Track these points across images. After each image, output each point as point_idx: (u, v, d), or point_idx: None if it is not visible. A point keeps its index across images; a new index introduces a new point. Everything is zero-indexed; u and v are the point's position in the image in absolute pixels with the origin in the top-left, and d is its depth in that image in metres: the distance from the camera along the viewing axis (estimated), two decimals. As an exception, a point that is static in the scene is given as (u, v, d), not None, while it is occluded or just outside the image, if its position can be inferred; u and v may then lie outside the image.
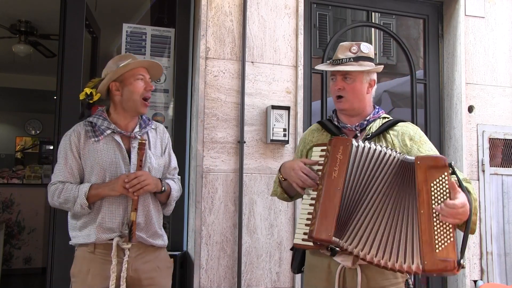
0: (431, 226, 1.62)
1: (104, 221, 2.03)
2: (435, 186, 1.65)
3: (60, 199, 2.06)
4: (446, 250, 1.58)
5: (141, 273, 2.06)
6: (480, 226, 3.47)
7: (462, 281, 3.43)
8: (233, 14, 3.12)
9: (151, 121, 2.25)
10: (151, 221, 2.11)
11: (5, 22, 5.23)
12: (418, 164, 1.69)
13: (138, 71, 2.13)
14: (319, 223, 1.70)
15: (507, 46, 3.71)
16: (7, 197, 5.58)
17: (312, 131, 2.10)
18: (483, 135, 3.55)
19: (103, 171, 2.06)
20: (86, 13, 3.08)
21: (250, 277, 2.98)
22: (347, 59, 1.96)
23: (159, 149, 2.22)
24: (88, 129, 2.11)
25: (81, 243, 2.06)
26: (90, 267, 2.02)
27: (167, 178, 2.24)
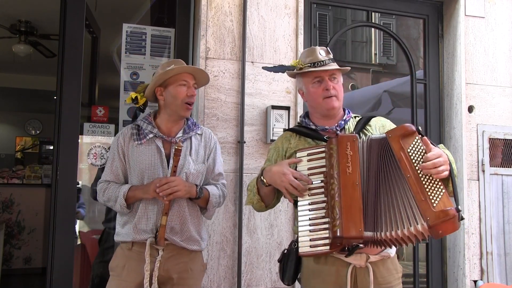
0: (421, 185, 1.69)
1: (139, 223, 2.12)
2: (411, 150, 1.74)
3: (104, 197, 2.20)
4: (442, 202, 1.65)
5: (172, 273, 2.13)
6: (480, 226, 3.48)
7: (462, 281, 3.44)
8: (233, 14, 3.12)
9: (198, 126, 2.30)
10: (186, 226, 2.16)
11: (5, 22, 5.23)
12: (390, 137, 1.77)
13: (182, 76, 2.19)
14: (345, 220, 1.70)
15: (507, 46, 3.71)
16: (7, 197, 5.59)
17: (286, 139, 2.07)
18: (483, 135, 3.55)
19: (142, 173, 2.14)
20: (86, 13, 3.08)
21: (250, 277, 2.98)
22: (328, 60, 2.00)
23: (201, 155, 2.24)
24: (134, 132, 2.21)
25: (121, 240, 2.18)
26: (126, 263, 2.13)
27: (210, 183, 2.27)
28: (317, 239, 1.77)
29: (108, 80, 4.71)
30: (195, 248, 2.19)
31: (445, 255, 3.59)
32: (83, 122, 3.10)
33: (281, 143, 2.08)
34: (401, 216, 1.70)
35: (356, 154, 1.77)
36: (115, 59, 4.00)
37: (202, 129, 2.31)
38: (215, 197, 2.23)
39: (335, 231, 1.71)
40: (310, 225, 1.79)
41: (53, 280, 2.81)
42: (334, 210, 1.73)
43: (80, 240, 4.06)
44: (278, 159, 2.05)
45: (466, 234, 3.43)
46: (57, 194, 2.84)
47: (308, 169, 1.85)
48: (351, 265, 1.86)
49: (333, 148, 1.79)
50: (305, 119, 2.09)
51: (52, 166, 2.93)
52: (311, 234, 1.78)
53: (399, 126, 1.81)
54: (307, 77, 2.03)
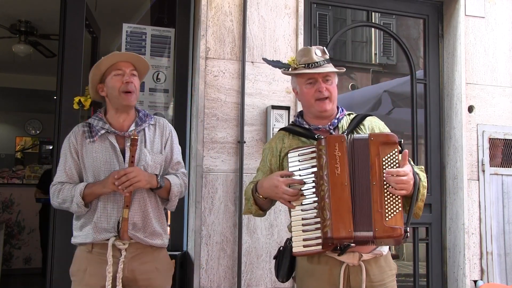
0: (382, 196, 1.74)
1: (99, 221, 2.04)
2: (386, 159, 1.77)
3: (59, 199, 2.09)
4: (394, 219, 1.71)
5: (138, 274, 2.05)
6: (480, 226, 3.48)
7: (462, 281, 3.44)
8: (233, 14, 3.12)
9: (151, 116, 2.23)
10: (148, 220, 2.09)
11: (5, 22, 5.24)
12: (371, 140, 1.79)
13: (116, 66, 2.13)
14: (334, 221, 1.72)
15: (507, 46, 3.71)
16: (7, 197, 5.59)
17: (280, 138, 2.07)
18: (483, 135, 3.55)
19: (98, 171, 2.07)
20: (86, 13, 3.08)
21: (250, 277, 2.98)
22: (323, 61, 2.00)
23: (157, 146, 2.19)
24: (85, 130, 2.14)
25: (79, 242, 2.09)
26: (88, 266, 2.04)
27: (169, 173, 2.21)
28: (310, 239, 1.78)
29: (108, 80, 4.70)
30: (158, 243, 2.11)
31: (445, 255, 3.59)
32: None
33: (275, 143, 2.08)
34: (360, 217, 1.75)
35: (344, 155, 1.78)
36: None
37: (155, 119, 2.24)
38: (177, 186, 2.17)
39: (325, 232, 1.73)
40: (303, 225, 1.81)
41: (53, 280, 2.81)
42: (324, 211, 1.75)
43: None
44: (273, 159, 2.05)
45: (466, 234, 3.43)
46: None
47: (300, 170, 1.86)
48: (344, 264, 1.87)
49: (322, 149, 1.81)
50: (298, 118, 2.09)
51: (52, 166, 2.92)
52: (304, 234, 1.80)
53: (383, 133, 1.85)
54: (300, 77, 2.03)
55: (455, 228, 3.51)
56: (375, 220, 1.71)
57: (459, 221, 3.45)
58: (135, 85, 2.14)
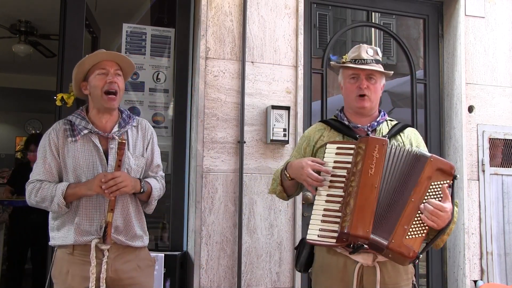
0: (412, 216, 1.75)
1: (81, 223, 2.01)
2: (434, 186, 1.78)
3: (37, 197, 2.03)
4: (413, 241, 1.74)
5: (121, 273, 2.04)
6: (480, 226, 3.48)
7: (462, 281, 3.44)
8: (233, 14, 3.12)
9: (133, 118, 2.19)
10: (130, 224, 2.08)
11: (5, 22, 5.23)
12: (430, 161, 1.80)
13: (100, 65, 2.09)
14: (355, 219, 1.73)
15: (507, 46, 3.71)
16: (7, 197, 5.57)
17: (319, 130, 2.11)
18: (483, 135, 3.55)
19: (79, 171, 2.03)
20: (86, 13, 3.08)
21: (250, 277, 2.98)
22: (371, 60, 2.03)
23: (139, 148, 2.16)
24: (66, 128, 2.08)
25: (59, 244, 2.05)
26: (70, 268, 2.01)
27: (149, 176, 2.19)
28: (326, 231, 1.79)
29: (108, 80, 4.70)
30: (139, 244, 2.11)
31: (445, 255, 3.59)
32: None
33: (313, 133, 2.12)
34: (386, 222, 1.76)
35: (382, 158, 1.79)
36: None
37: (137, 120, 2.20)
38: (157, 190, 2.16)
39: (343, 226, 1.74)
40: (323, 216, 1.82)
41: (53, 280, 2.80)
42: (347, 207, 1.76)
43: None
44: (308, 148, 2.09)
45: (466, 234, 3.43)
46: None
47: (334, 162, 1.88)
48: (359, 263, 1.88)
49: (361, 147, 1.82)
50: (340, 113, 2.12)
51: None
52: (321, 224, 1.81)
53: (447, 161, 1.85)
54: (346, 72, 2.08)
55: (455, 228, 3.48)
56: (396, 233, 1.73)
57: (459, 221, 3.45)
58: (119, 85, 2.09)
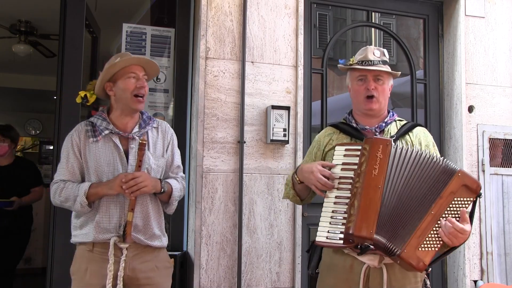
0: (429, 229, 1.74)
1: (101, 221, 2.05)
2: (457, 201, 1.77)
3: (61, 197, 2.08)
4: (425, 253, 1.73)
5: (139, 273, 2.06)
6: (480, 226, 3.48)
7: (462, 281, 3.43)
8: (233, 14, 3.12)
9: (153, 119, 2.24)
10: (149, 223, 2.11)
11: (5, 22, 5.23)
12: (458, 176, 1.78)
13: (130, 69, 2.13)
14: (359, 219, 1.73)
15: (507, 46, 3.71)
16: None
17: (328, 134, 2.12)
18: (483, 135, 3.54)
19: (100, 171, 2.07)
20: (86, 13, 3.08)
21: (250, 277, 2.98)
22: (378, 61, 2.03)
23: (159, 149, 2.20)
24: (88, 129, 2.13)
25: (80, 241, 2.09)
26: (88, 266, 2.05)
27: (169, 177, 2.23)
28: (334, 232, 1.80)
29: (108, 80, 4.70)
30: (158, 244, 2.14)
31: (445, 255, 3.59)
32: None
33: (323, 137, 2.13)
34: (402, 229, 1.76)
35: (386, 159, 1.79)
36: (115, 59, 3.98)
37: (157, 122, 2.25)
38: (177, 191, 2.19)
39: (348, 227, 1.75)
40: (331, 217, 1.82)
41: (53, 280, 2.81)
42: (352, 207, 1.76)
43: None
44: (318, 153, 2.10)
45: (466, 234, 3.42)
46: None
47: (343, 164, 1.88)
48: (365, 264, 1.88)
49: (366, 148, 1.82)
50: (349, 115, 2.13)
51: (52, 166, 2.92)
52: (330, 226, 1.81)
53: (474, 179, 1.82)
54: (354, 73, 2.08)
55: (455, 228, 3.50)
56: (409, 243, 1.72)
57: (459, 221, 3.45)
58: (146, 89, 2.16)
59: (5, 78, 7.46)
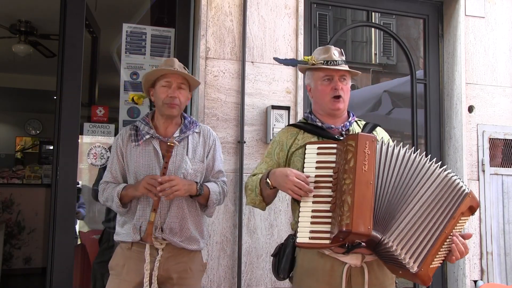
0: (440, 246, 1.77)
1: (138, 222, 2.12)
2: (461, 221, 1.82)
3: (103, 197, 2.21)
4: (433, 269, 1.77)
5: (172, 273, 2.13)
6: (480, 226, 3.48)
7: (462, 281, 3.44)
8: (233, 14, 3.12)
9: (196, 124, 2.28)
10: (185, 226, 2.16)
11: (5, 22, 5.23)
12: (469, 197, 1.81)
13: (166, 77, 2.19)
14: (355, 216, 1.69)
15: (507, 46, 3.71)
16: (7, 197, 5.58)
17: (292, 134, 2.07)
18: (483, 135, 3.55)
19: (139, 174, 2.14)
20: (86, 13, 3.08)
21: (250, 277, 2.98)
22: (341, 61, 2.03)
23: (199, 154, 2.23)
24: (132, 133, 2.21)
25: (121, 240, 2.18)
26: (126, 263, 2.14)
27: (210, 181, 2.26)
28: (318, 232, 1.76)
29: (108, 80, 4.71)
30: (194, 248, 2.19)
31: (445, 255, 3.59)
32: (83, 122, 3.09)
33: (285, 137, 2.07)
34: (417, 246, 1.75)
35: (373, 155, 1.77)
36: (115, 59, 4.00)
37: (200, 127, 2.29)
38: (216, 194, 2.21)
39: (342, 224, 1.69)
40: (312, 217, 1.78)
41: (53, 280, 2.81)
42: (344, 205, 1.72)
43: (80, 240, 4.06)
44: (281, 153, 2.05)
45: (466, 234, 3.42)
46: (57, 194, 2.84)
47: (317, 162, 1.85)
48: (347, 265, 1.86)
49: (351, 144, 1.78)
50: (311, 115, 2.10)
51: (52, 166, 2.92)
52: (311, 226, 1.77)
53: (478, 200, 1.86)
54: (318, 74, 2.05)
55: (455, 228, 3.50)
56: (426, 261, 1.74)
57: (459, 221, 3.45)
58: (180, 99, 2.18)
59: (5, 78, 7.46)
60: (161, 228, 2.11)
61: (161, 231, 2.11)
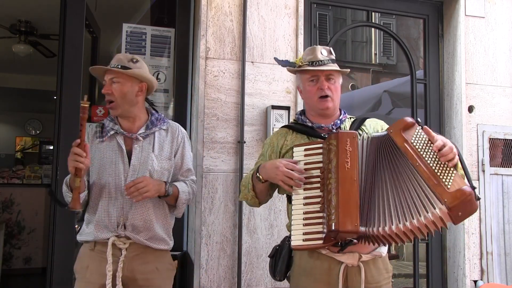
0: (432, 171, 1.68)
1: (100, 220, 2.06)
2: (415, 140, 1.74)
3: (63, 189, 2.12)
4: (456, 182, 1.64)
5: (137, 274, 2.05)
6: (480, 226, 3.48)
7: (462, 281, 3.44)
8: (233, 14, 3.12)
9: (164, 121, 2.24)
10: (151, 225, 2.09)
11: (5, 22, 5.24)
12: (391, 132, 1.78)
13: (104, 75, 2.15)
14: (341, 215, 1.70)
15: (507, 46, 3.71)
16: (7, 197, 5.58)
17: (282, 135, 2.09)
18: (483, 135, 3.55)
19: (102, 171, 2.09)
20: (86, 13, 3.08)
21: (250, 277, 2.98)
22: (327, 60, 2.02)
23: (166, 151, 2.18)
24: (97, 130, 2.18)
25: (83, 240, 2.12)
26: (89, 264, 2.06)
27: (178, 180, 2.21)
28: (311, 233, 1.77)
29: (108, 80, 4.70)
30: (161, 247, 2.12)
31: (445, 255, 3.59)
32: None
33: (276, 139, 2.09)
34: (413, 206, 1.67)
35: (355, 151, 1.78)
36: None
37: (168, 124, 2.24)
38: (185, 194, 2.16)
39: (330, 224, 1.71)
40: (304, 219, 1.80)
41: (53, 280, 2.81)
42: (330, 204, 1.73)
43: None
44: (273, 155, 2.06)
45: (466, 234, 3.43)
46: (57, 194, 2.84)
47: (305, 164, 1.86)
48: (343, 264, 1.87)
49: (332, 143, 1.80)
50: (301, 116, 2.11)
51: (52, 166, 2.93)
52: (304, 228, 1.78)
53: (398, 120, 1.81)
54: (305, 75, 2.06)
55: (455, 228, 3.51)
56: (439, 193, 1.62)
57: (459, 221, 3.46)
58: (114, 93, 2.11)
59: (5, 78, 7.47)
60: (124, 225, 2.05)
61: (124, 228, 2.05)
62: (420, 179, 1.68)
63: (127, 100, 2.13)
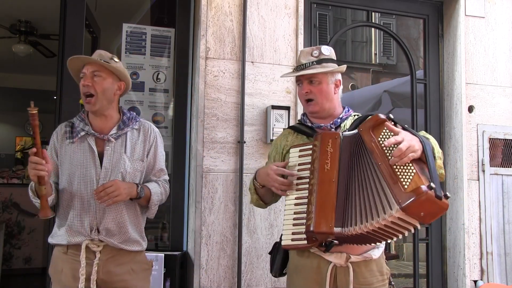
0: (392, 171, 1.64)
1: (73, 224, 2.03)
2: (382, 138, 1.71)
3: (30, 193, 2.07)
4: (413, 182, 1.58)
5: (113, 276, 2.03)
6: (480, 226, 3.48)
7: (462, 281, 3.44)
8: (233, 14, 3.12)
9: (136, 120, 2.17)
10: (124, 228, 2.06)
11: (5, 22, 5.24)
12: (361, 130, 1.78)
13: (81, 69, 2.09)
14: (317, 216, 1.72)
15: (507, 46, 3.71)
16: (7, 197, 5.58)
17: (285, 136, 2.12)
18: (483, 135, 3.55)
19: (72, 173, 2.04)
20: (86, 13, 3.08)
21: (250, 277, 2.98)
22: (310, 63, 2.02)
23: (139, 152, 2.13)
24: (67, 130, 2.11)
25: (55, 243, 2.08)
26: (63, 267, 2.03)
27: (151, 180, 2.17)
28: (298, 233, 1.79)
29: (108, 80, 4.70)
30: (135, 248, 2.09)
31: (445, 255, 3.59)
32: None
33: (279, 140, 2.13)
34: (374, 206, 1.64)
35: (336, 152, 1.79)
36: (115, 59, 3.98)
37: (140, 123, 2.17)
38: (157, 195, 2.12)
39: (308, 225, 1.74)
40: (293, 219, 1.83)
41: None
42: (310, 205, 1.76)
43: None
44: (277, 156, 2.10)
45: (466, 234, 3.43)
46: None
47: (299, 165, 1.89)
48: (332, 264, 1.88)
49: (316, 145, 1.83)
50: (303, 116, 2.13)
51: (52, 166, 2.92)
52: (293, 228, 1.82)
53: (369, 118, 1.80)
54: (295, 79, 2.12)
55: (455, 228, 3.51)
56: (396, 193, 1.58)
57: (459, 221, 3.46)
58: (95, 87, 2.04)
59: (5, 78, 7.46)
60: (97, 229, 2.01)
61: (98, 232, 2.01)
62: (382, 179, 1.66)
63: (106, 97, 2.08)
